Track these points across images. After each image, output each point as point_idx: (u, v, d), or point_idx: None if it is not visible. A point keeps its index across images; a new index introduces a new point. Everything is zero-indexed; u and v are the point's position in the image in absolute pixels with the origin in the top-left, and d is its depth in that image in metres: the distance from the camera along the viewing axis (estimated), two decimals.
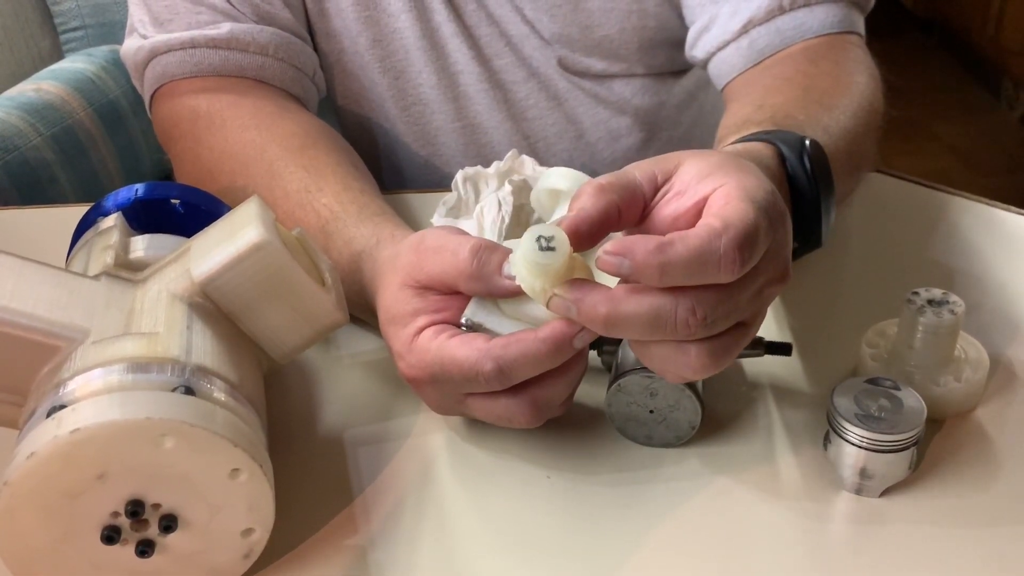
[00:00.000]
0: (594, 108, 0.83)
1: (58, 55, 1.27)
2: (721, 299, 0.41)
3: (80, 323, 0.43)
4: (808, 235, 0.53)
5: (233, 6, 0.72)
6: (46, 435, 0.39)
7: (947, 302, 0.51)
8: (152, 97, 0.74)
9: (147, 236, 0.52)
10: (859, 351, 0.54)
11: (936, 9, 3.14)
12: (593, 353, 0.56)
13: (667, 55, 0.81)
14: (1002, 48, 2.71)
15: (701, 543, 0.45)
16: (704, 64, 0.74)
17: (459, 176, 0.66)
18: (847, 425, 0.46)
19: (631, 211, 0.44)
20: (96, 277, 0.47)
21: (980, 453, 0.50)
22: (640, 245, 0.40)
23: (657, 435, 0.50)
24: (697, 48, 0.73)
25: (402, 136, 0.84)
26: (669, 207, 0.44)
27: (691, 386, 0.49)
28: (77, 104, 1.08)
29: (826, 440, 0.49)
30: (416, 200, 0.74)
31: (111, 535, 0.40)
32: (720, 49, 0.71)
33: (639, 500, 0.48)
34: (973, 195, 0.71)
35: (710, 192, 0.42)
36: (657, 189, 0.44)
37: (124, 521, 0.41)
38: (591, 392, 0.54)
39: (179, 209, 0.55)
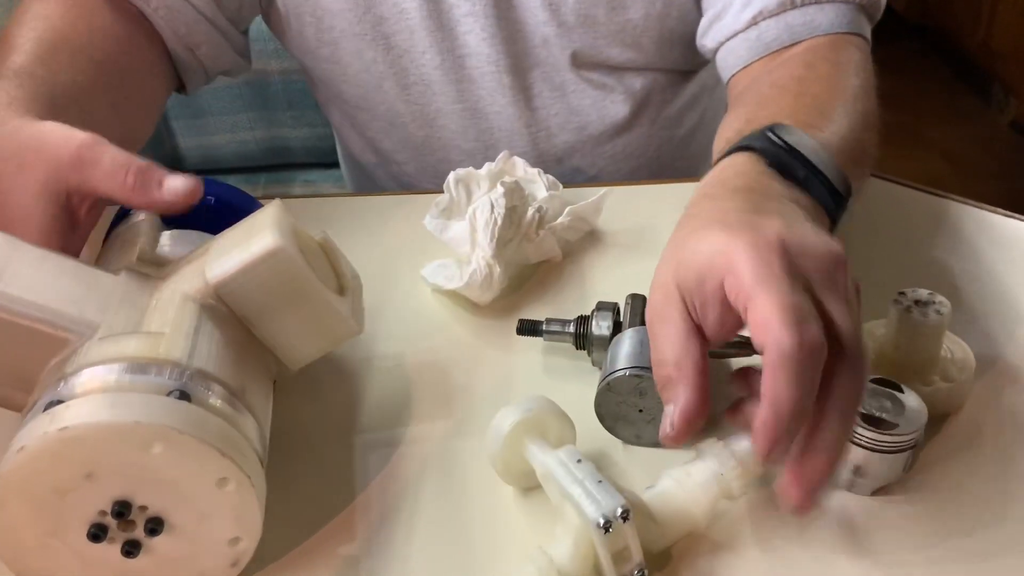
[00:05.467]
0: (601, 102, 0.83)
1: None
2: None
3: (91, 318, 0.44)
4: (828, 198, 0.51)
5: None
6: (38, 430, 0.39)
7: (933, 303, 0.51)
8: None
9: (174, 232, 0.52)
10: None
11: (927, 14, 3.16)
12: (583, 353, 0.56)
13: (682, 51, 0.81)
14: (992, 53, 2.72)
15: (691, 539, 0.46)
16: (713, 54, 0.74)
17: (451, 178, 0.66)
18: None
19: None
20: (116, 272, 0.47)
21: (966, 452, 0.50)
22: (759, 428, 0.39)
23: (646, 434, 0.51)
24: (708, 37, 0.74)
25: (400, 116, 0.84)
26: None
27: None
28: None
29: None
30: (409, 201, 0.74)
31: (98, 533, 0.41)
32: (729, 39, 0.72)
33: None
34: (961, 198, 0.72)
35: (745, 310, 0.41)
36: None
37: (111, 520, 0.41)
38: (581, 391, 0.54)
39: (213, 205, 0.54)
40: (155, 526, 0.41)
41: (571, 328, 0.56)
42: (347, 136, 0.92)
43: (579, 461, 0.45)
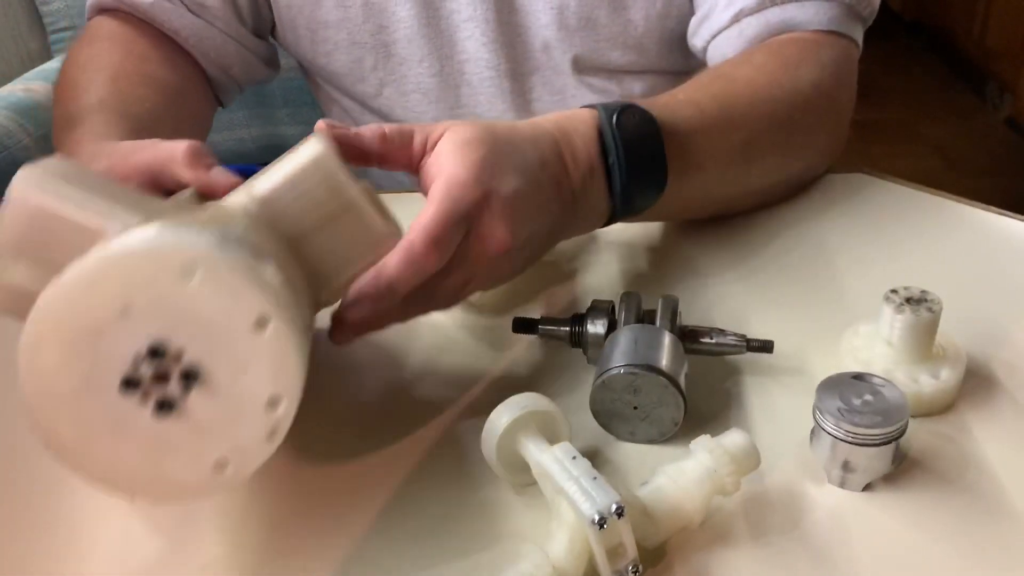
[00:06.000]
0: None
1: (47, 55, 1.27)
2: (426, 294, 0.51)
3: (141, 216, 0.43)
4: (623, 192, 0.57)
5: None
6: (76, 264, 0.38)
7: (925, 300, 0.52)
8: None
9: None
10: (839, 348, 0.55)
11: (923, 12, 3.16)
12: (578, 351, 0.57)
13: (681, 52, 0.82)
14: (987, 50, 2.73)
15: (685, 535, 0.46)
16: (703, 53, 0.75)
17: None
18: (830, 418, 0.47)
19: (399, 159, 0.54)
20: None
21: (958, 449, 0.50)
22: (365, 286, 0.48)
23: (640, 431, 0.51)
24: (697, 36, 0.75)
25: (401, 122, 0.85)
26: (428, 171, 0.53)
27: (674, 383, 0.49)
28: None
29: (812, 433, 0.50)
30: (407, 200, 0.74)
31: (130, 382, 0.39)
32: (715, 37, 0.73)
33: None
34: (954, 195, 0.72)
35: (433, 181, 0.51)
36: (426, 150, 0.53)
37: (146, 373, 0.39)
38: (576, 389, 0.55)
39: None
40: (190, 375, 0.39)
41: (566, 326, 0.56)
42: None
43: (574, 458, 0.45)
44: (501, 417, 0.47)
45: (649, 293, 0.60)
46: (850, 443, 0.47)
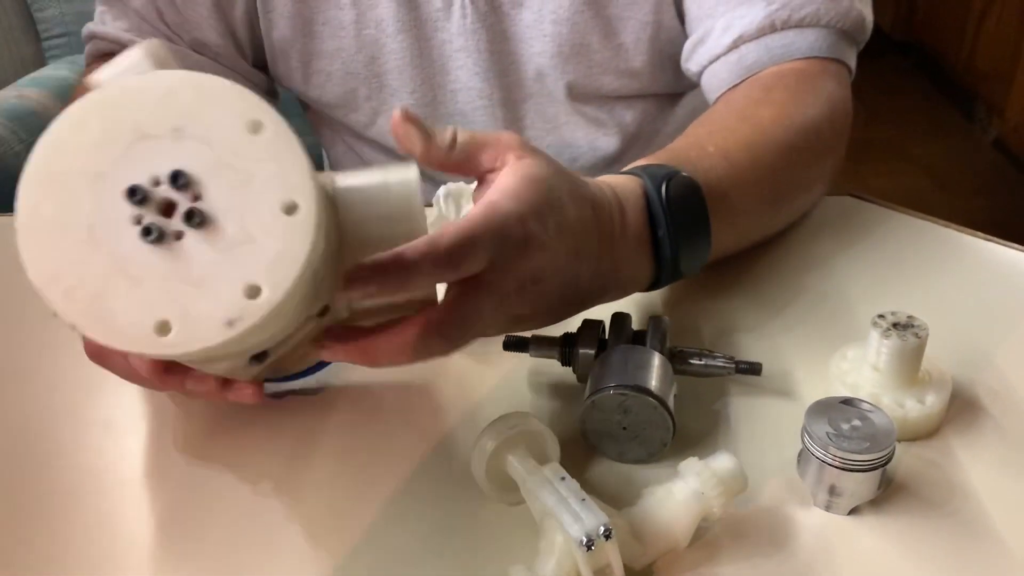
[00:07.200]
0: (593, 134, 0.83)
1: (41, 62, 1.27)
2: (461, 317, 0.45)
3: None
4: (672, 263, 0.55)
5: (173, 32, 0.78)
6: (159, 72, 0.39)
7: (912, 325, 0.52)
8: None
9: None
10: (827, 372, 0.55)
11: (913, 32, 3.19)
12: (568, 370, 0.57)
13: (673, 74, 0.82)
14: (976, 72, 2.75)
15: (672, 556, 0.46)
16: (698, 77, 0.75)
17: (440, 192, 0.66)
18: (819, 442, 0.47)
19: (464, 168, 0.49)
20: None
21: (943, 474, 0.51)
22: (381, 256, 0.42)
23: (629, 451, 0.52)
24: (692, 61, 0.75)
25: (396, 148, 0.85)
26: (486, 189, 0.49)
27: (663, 404, 0.50)
28: (59, 111, 1.08)
29: (800, 457, 0.50)
30: None
31: (136, 192, 0.37)
32: (712, 63, 0.73)
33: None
34: (942, 220, 0.73)
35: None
36: (495, 167, 0.49)
37: (158, 193, 0.38)
38: (566, 408, 0.55)
39: None
40: (194, 220, 0.38)
41: (557, 345, 0.56)
42: (341, 154, 0.93)
43: (563, 478, 0.45)
44: (490, 436, 0.47)
45: (639, 314, 0.61)
46: (838, 468, 0.47)
